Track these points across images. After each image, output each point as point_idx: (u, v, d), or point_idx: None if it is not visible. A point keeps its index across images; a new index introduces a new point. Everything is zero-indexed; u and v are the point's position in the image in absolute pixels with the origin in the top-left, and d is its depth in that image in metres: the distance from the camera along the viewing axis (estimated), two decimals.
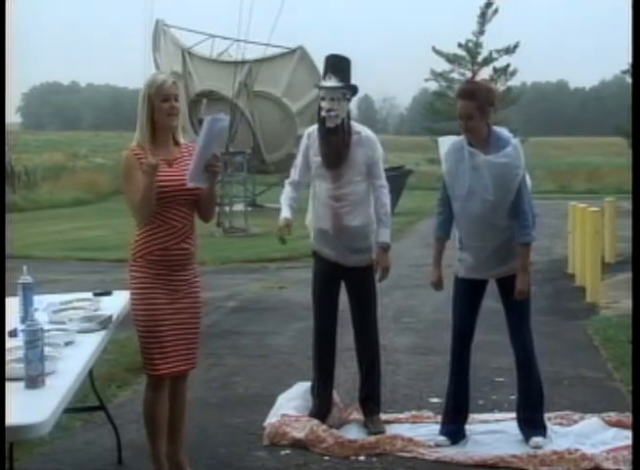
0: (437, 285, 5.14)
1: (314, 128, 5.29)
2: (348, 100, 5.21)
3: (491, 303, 5.26)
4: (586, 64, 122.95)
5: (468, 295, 5.05)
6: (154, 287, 4.14)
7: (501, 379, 6.26)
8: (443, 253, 5.09)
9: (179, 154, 4.24)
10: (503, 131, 4.94)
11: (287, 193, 5.35)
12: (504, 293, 5.00)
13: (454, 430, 5.06)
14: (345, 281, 5.33)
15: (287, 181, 5.43)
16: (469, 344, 5.10)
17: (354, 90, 5.25)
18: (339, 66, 5.23)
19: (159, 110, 4.12)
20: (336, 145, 5.13)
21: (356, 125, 5.27)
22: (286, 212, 5.25)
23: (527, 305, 5.00)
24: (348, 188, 5.16)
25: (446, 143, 5.02)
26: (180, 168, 4.18)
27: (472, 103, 4.77)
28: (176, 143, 4.26)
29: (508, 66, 39.48)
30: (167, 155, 4.18)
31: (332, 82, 5.16)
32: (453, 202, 4.95)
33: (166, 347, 4.15)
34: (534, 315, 5.20)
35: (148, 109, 4.13)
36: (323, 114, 5.15)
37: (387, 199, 5.25)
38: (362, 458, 4.85)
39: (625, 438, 4.84)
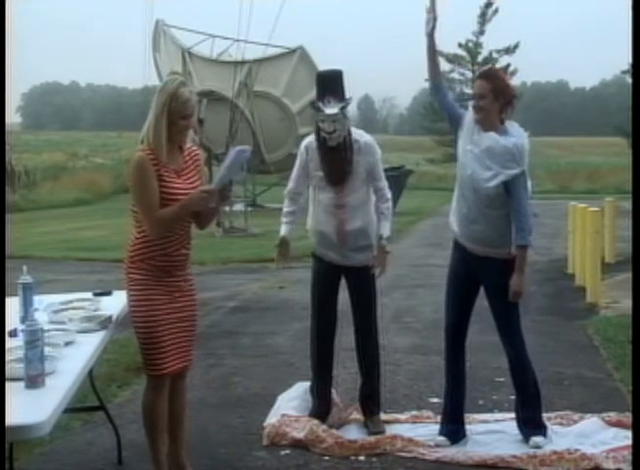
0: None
1: (312, 141, 5.19)
2: (346, 114, 5.11)
3: None
4: (586, 64, 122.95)
5: (460, 292, 5.05)
6: (153, 288, 4.13)
7: (501, 379, 6.26)
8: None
9: (184, 163, 4.21)
10: (519, 130, 4.90)
11: (285, 207, 5.33)
12: (489, 294, 5.00)
13: (454, 430, 5.06)
14: (346, 280, 5.33)
15: (285, 192, 5.38)
16: (462, 341, 5.10)
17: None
18: (333, 83, 5.10)
19: (175, 125, 4.07)
20: (339, 163, 5.07)
21: (354, 132, 5.16)
22: (283, 230, 5.28)
23: (514, 306, 4.96)
24: (350, 196, 5.14)
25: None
26: (188, 179, 4.17)
27: (486, 83, 4.82)
28: (179, 147, 4.22)
29: (508, 66, 39.56)
30: (176, 164, 4.15)
31: (332, 108, 5.02)
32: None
33: (166, 346, 4.14)
34: (535, 315, 5.21)
35: (167, 120, 4.05)
36: (324, 135, 5.05)
37: (389, 195, 5.24)
38: (362, 458, 4.85)
39: (625, 438, 4.84)
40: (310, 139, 5.24)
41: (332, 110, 5.02)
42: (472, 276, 5.01)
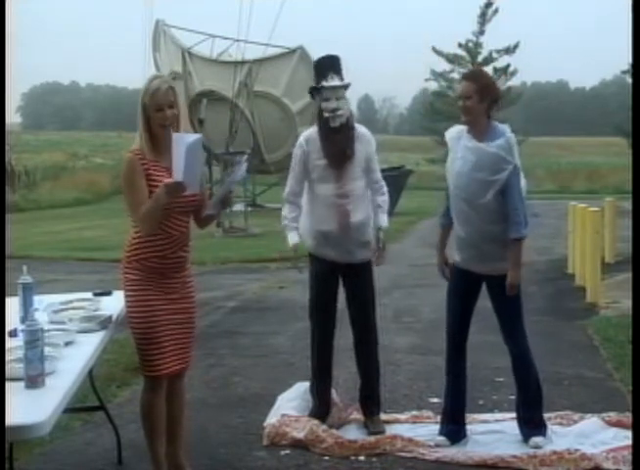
0: (442, 269, 5.13)
1: (311, 132, 5.23)
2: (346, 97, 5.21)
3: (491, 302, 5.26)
4: (586, 64, 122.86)
5: (461, 292, 5.05)
6: (148, 289, 4.13)
7: (501, 379, 6.26)
8: (447, 239, 5.12)
9: None
10: (503, 126, 4.95)
11: (288, 213, 5.29)
12: (492, 294, 5.00)
13: (454, 430, 5.06)
14: (344, 279, 5.31)
15: (284, 196, 5.34)
16: (463, 342, 5.09)
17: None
18: (336, 65, 5.22)
19: (152, 119, 4.04)
20: (341, 143, 5.11)
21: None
22: (293, 238, 5.26)
23: (518, 306, 4.97)
24: (352, 185, 5.15)
25: (451, 130, 5.11)
26: None
27: (472, 84, 4.84)
28: None
29: (508, 66, 39.48)
30: (168, 163, 4.09)
31: (336, 81, 5.13)
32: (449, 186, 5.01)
33: (163, 347, 4.14)
34: (535, 315, 5.21)
35: (144, 118, 4.05)
36: (327, 114, 5.10)
37: (385, 189, 5.30)
38: (362, 458, 4.85)
39: (625, 438, 4.84)
40: (309, 131, 5.28)
41: (336, 82, 5.12)
42: (473, 279, 5.02)
